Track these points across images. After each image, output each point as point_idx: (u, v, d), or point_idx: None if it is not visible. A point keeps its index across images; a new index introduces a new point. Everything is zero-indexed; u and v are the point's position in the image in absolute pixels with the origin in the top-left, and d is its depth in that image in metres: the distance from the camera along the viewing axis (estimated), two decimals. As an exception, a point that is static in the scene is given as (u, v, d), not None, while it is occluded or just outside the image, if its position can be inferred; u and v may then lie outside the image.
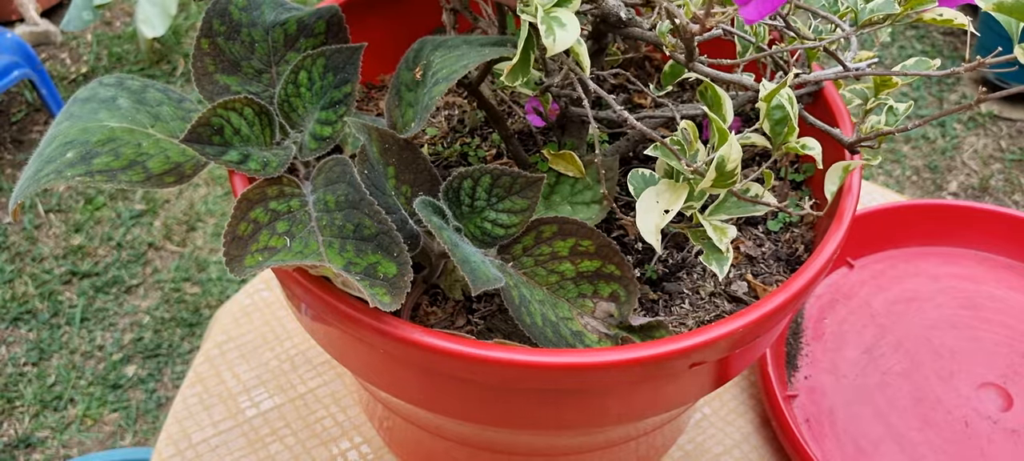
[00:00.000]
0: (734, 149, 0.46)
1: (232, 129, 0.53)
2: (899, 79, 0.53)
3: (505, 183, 0.53)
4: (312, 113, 0.57)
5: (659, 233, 0.48)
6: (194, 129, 0.51)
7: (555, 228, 0.53)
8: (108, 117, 0.53)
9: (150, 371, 1.65)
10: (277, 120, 0.56)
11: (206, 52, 0.56)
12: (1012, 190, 2.04)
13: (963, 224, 0.89)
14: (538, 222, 0.53)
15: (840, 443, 0.74)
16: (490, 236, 0.53)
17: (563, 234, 0.53)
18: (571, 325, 0.52)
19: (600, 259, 0.53)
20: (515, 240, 0.54)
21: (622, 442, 0.65)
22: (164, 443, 0.75)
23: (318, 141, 0.55)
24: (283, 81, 0.57)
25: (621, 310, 0.53)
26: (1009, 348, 0.81)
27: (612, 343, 0.52)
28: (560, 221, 0.53)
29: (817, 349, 0.81)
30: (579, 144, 0.61)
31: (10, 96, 2.24)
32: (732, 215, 0.52)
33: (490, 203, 0.54)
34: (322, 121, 0.56)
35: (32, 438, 1.54)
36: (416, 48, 0.57)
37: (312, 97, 0.57)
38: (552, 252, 0.54)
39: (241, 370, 0.80)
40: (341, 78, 0.56)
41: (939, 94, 2.25)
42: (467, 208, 0.53)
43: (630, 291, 0.53)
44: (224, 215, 1.92)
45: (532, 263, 0.54)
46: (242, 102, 0.54)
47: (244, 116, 0.54)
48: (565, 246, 0.53)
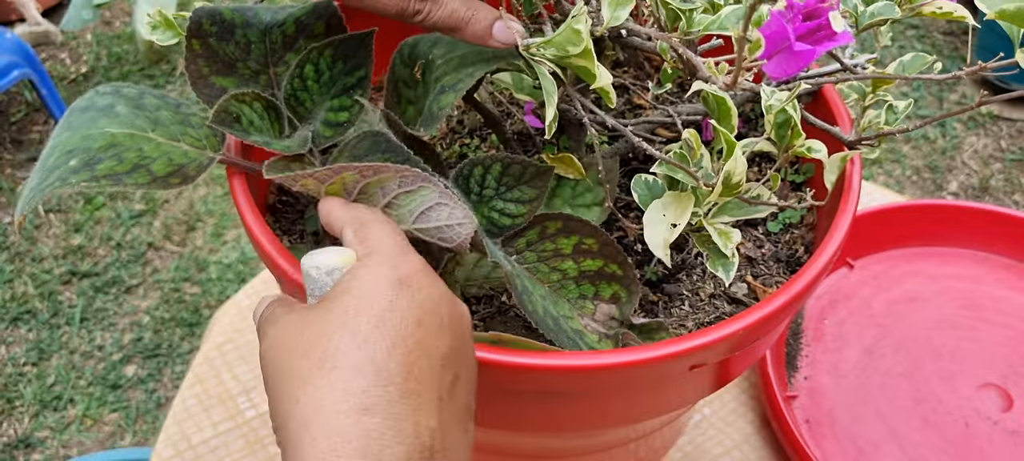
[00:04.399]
0: (740, 163, 0.46)
1: (247, 119, 0.54)
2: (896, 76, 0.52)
3: (515, 172, 0.54)
4: (321, 104, 0.57)
5: (668, 248, 0.49)
6: (217, 114, 0.52)
7: (560, 224, 0.53)
8: (108, 124, 0.53)
9: (150, 371, 1.65)
10: (285, 114, 0.56)
11: (198, 53, 0.56)
12: (1012, 190, 2.04)
13: (963, 224, 0.89)
14: (543, 217, 0.54)
15: (840, 444, 0.74)
16: (496, 226, 0.53)
17: (567, 231, 0.53)
18: (571, 323, 0.52)
19: (603, 258, 0.53)
20: (519, 233, 0.54)
21: (621, 444, 0.65)
22: (163, 444, 0.75)
23: (333, 128, 0.56)
24: (289, 76, 0.57)
25: (622, 311, 0.53)
26: (1009, 349, 0.81)
27: (612, 343, 0.52)
28: (565, 217, 0.53)
29: (817, 350, 0.81)
30: (578, 146, 0.61)
31: (10, 96, 2.24)
32: (734, 217, 0.52)
33: (499, 192, 0.54)
34: (335, 108, 0.56)
35: (32, 438, 1.54)
36: (411, 44, 0.57)
37: (320, 89, 0.57)
38: (555, 249, 0.54)
39: (240, 371, 0.80)
40: (353, 64, 0.57)
41: (939, 94, 2.24)
42: (476, 197, 0.53)
43: (632, 292, 0.53)
44: (224, 215, 1.92)
45: (535, 259, 0.54)
46: (251, 96, 0.54)
47: (254, 109, 0.54)
48: (569, 243, 0.53)
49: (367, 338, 0.40)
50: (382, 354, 0.39)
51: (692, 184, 0.48)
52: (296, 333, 0.41)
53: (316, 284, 0.44)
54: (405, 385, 0.39)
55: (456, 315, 0.43)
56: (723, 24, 0.46)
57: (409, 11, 0.48)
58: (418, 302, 0.41)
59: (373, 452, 0.37)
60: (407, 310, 0.41)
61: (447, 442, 0.40)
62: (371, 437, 0.38)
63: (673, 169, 0.48)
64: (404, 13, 0.48)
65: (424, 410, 0.39)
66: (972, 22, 0.50)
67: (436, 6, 0.47)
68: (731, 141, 0.46)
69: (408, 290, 0.41)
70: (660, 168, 0.49)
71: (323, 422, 0.38)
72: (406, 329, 0.40)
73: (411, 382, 0.39)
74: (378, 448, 0.37)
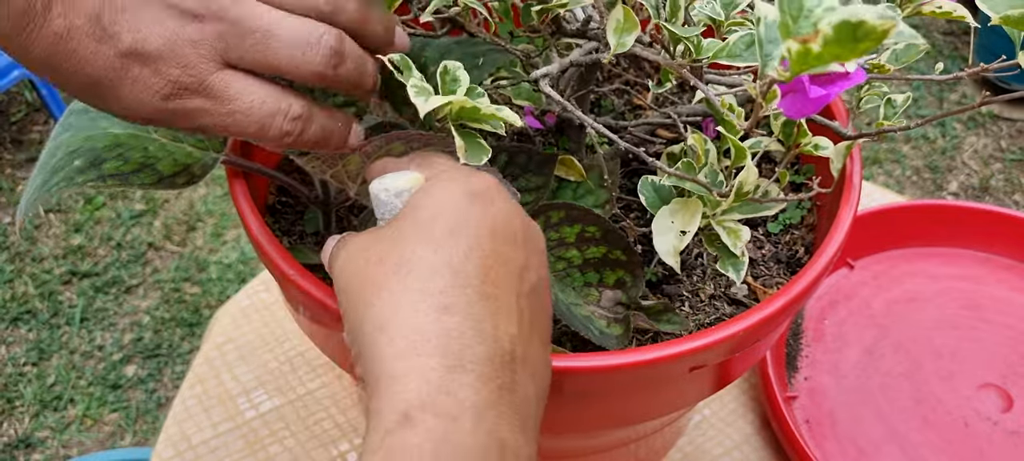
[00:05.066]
0: (752, 172, 0.46)
1: None
2: (890, 65, 0.52)
3: (521, 161, 0.54)
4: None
5: (678, 255, 0.49)
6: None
7: (562, 213, 0.54)
8: (109, 124, 0.53)
9: (150, 371, 1.65)
10: None
11: None
12: (1012, 190, 2.04)
13: (963, 224, 0.89)
14: (546, 207, 0.54)
15: (840, 444, 0.74)
16: None
17: (570, 220, 0.53)
18: (580, 310, 0.52)
19: (606, 245, 0.53)
20: None
21: (621, 444, 0.65)
22: (163, 445, 0.75)
23: None
24: None
25: (628, 294, 0.53)
26: (1009, 349, 0.81)
27: (621, 327, 0.52)
28: (567, 207, 0.54)
29: (817, 350, 0.81)
30: (578, 147, 0.61)
31: (10, 96, 2.24)
32: (741, 215, 0.52)
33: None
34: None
35: (32, 438, 1.54)
36: None
37: None
38: (559, 238, 0.54)
39: (240, 371, 0.80)
40: None
41: (939, 94, 2.24)
42: None
43: (636, 275, 0.53)
44: (224, 215, 1.92)
45: None
46: None
47: None
48: (572, 232, 0.54)
49: (442, 243, 0.38)
50: (459, 257, 0.38)
51: (702, 193, 0.48)
52: (369, 247, 0.40)
53: (385, 207, 0.43)
54: (483, 288, 0.38)
55: (531, 231, 0.42)
56: (732, 51, 0.45)
57: (278, 133, 0.41)
58: (491, 213, 0.40)
59: (454, 351, 0.36)
60: (481, 219, 0.39)
61: (528, 352, 0.39)
62: (451, 336, 0.36)
63: (681, 181, 0.48)
64: (264, 137, 0.41)
65: (503, 316, 0.38)
66: (972, 22, 0.50)
67: (309, 124, 0.42)
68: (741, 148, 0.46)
69: (481, 201, 0.40)
70: (668, 180, 0.49)
71: (401, 322, 0.37)
72: (481, 237, 0.39)
73: (489, 286, 0.38)
74: (458, 347, 0.36)
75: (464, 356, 0.36)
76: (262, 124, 0.40)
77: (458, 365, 0.36)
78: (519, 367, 0.38)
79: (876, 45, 0.30)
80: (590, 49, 0.52)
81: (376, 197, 0.43)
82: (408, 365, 0.36)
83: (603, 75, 0.72)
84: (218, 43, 0.39)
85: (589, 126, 0.49)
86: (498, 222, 0.40)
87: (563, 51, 0.54)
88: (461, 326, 0.37)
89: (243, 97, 0.40)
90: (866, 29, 0.30)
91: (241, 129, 0.40)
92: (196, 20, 0.39)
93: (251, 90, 0.40)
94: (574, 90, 0.57)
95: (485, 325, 0.37)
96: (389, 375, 0.36)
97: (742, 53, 0.45)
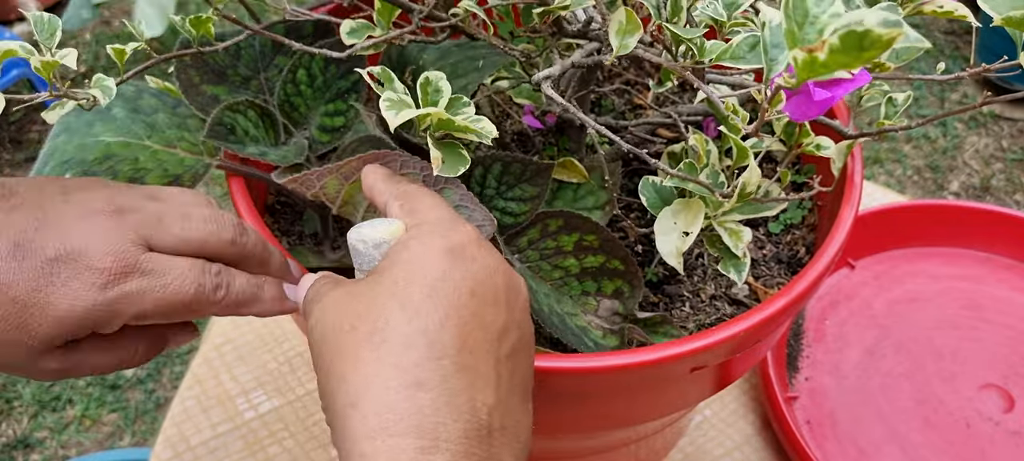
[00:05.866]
0: (755, 173, 0.46)
1: (242, 129, 0.53)
2: (891, 63, 0.52)
3: (515, 171, 0.53)
4: (315, 109, 0.56)
5: (681, 256, 0.48)
6: (212, 128, 0.52)
7: (561, 221, 0.53)
8: (103, 130, 0.53)
9: (148, 371, 1.64)
10: (280, 120, 0.56)
11: (188, 63, 0.56)
12: (1013, 190, 2.04)
13: (964, 224, 0.89)
14: (544, 215, 0.53)
15: (841, 445, 0.74)
16: (499, 225, 0.53)
17: (568, 228, 0.53)
18: (576, 320, 0.52)
19: (604, 254, 0.53)
20: (521, 231, 0.54)
21: (622, 445, 0.65)
22: (162, 446, 0.75)
23: (329, 133, 0.55)
24: (281, 81, 0.57)
25: (626, 305, 0.53)
26: (1011, 349, 0.81)
27: (617, 339, 0.52)
28: (566, 215, 0.53)
29: (818, 350, 0.81)
30: (578, 147, 0.61)
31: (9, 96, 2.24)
32: (743, 215, 0.52)
33: (499, 191, 0.54)
34: (330, 113, 0.56)
35: (30, 438, 1.54)
36: (398, 49, 0.56)
37: (314, 93, 0.57)
38: (557, 246, 0.53)
39: (239, 372, 0.80)
40: (346, 67, 0.56)
41: (940, 94, 2.24)
42: (477, 196, 0.53)
43: (634, 286, 0.53)
44: (223, 215, 1.92)
45: (537, 257, 0.54)
46: (245, 105, 0.54)
47: (249, 118, 0.54)
48: (570, 240, 0.53)
49: (418, 309, 0.37)
50: (434, 326, 0.37)
51: (704, 194, 0.48)
52: (343, 307, 0.39)
53: (363, 258, 0.42)
54: (459, 358, 0.37)
55: (513, 286, 0.41)
56: (736, 53, 0.45)
57: (213, 287, 0.42)
58: (472, 273, 0.39)
59: (427, 430, 0.35)
60: (460, 280, 0.38)
61: (507, 420, 0.38)
62: (424, 413, 0.35)
63: (683, 182, 0.48)
64: (202, 298, 0.42)
65: (480, 386, 0.37)
66: (974, 22, 0.50)
67: (233, 278, 0.43)
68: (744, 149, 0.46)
69: (461, 260, 0.39)
70: (671, 182, 0.49)
71: (373, 398, 0.36)
72: (460, 300, 0.38)
73: (465, 355, 0.37)
74: (432, 425, 0.35)
75: (438, 435, 0.35)
76: (198, 283, 0.42)
77: (432, 446, 0.35)
78: (496, 438, 0.37)
79: (881, 53, 0.30)
80: (591, 50, 0.51)
81: (354, 248, 0.42)
82: (380, 445, 0.35)
83: (603, 75, 0.72)
84: (142, 229, 0.41)
85: (590, 127, 0.48)
86: (478, 281, 0.39)
87: (564, 52, 0.54)
88: (435, 402, 0.36)
89: (174, 268, 0.41)
90: (872, 38, 0.29)
91: (181, 298, 0.41)
92: (117, 214, 0.41)
93: (177, 263, 0.42)
94: (575, 90, 0.57)
95: (460, 399, 0.36)
96: (360, 454, 0.35)
97: (745, 55, 0.45)
